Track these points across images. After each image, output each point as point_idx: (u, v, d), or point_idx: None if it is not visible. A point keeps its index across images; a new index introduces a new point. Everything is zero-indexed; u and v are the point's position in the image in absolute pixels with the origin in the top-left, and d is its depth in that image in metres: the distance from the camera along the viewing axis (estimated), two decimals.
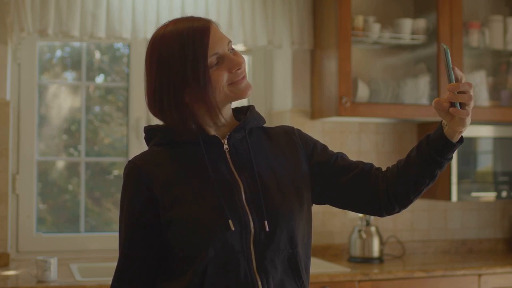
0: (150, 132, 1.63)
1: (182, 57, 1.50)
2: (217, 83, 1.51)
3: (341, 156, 1.68)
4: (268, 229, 1.51)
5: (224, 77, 1.52)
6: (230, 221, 1.48)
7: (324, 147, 1.70)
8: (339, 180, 1.63)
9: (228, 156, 1.58)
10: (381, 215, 1.66)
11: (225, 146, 1.58)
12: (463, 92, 1.43)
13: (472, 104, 1.46)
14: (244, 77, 1.55)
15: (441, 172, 1.56)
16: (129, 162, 1.58)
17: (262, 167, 1.59)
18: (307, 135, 1.72)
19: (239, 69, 1.53)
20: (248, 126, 1.62)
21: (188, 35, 1.50)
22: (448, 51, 1.45)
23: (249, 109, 1.66)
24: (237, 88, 1.54)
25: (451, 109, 1.44)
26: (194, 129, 1.56)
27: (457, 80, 1.44)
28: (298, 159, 1.65)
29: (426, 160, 1.53)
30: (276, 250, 1.52)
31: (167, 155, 1.58)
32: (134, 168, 1.56)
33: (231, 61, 1.53)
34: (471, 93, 1.44)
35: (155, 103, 1.55)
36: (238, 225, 1.50)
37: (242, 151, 1.59)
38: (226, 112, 1.60)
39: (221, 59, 1.52)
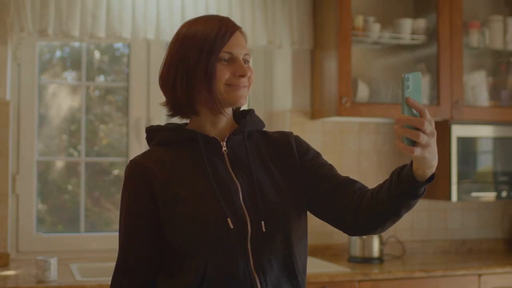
0: (151, 132, 1.67)
1: (202, 40, 1.56)
2: (218, 77, 1.56)
3: (329, 167, 1.67)
4: (264, 230, 1.53)
5: (226, 75, 1.56)
6: (228, 219, 1.51)
7: (317, 154, 1.70)
8: (319, 188, 1.63)
9: (226, 158, 1.61)
10: (349, 233, 1.64)
11: (224, 148, 1.61)
12: (417, 128, 1.29)
13: (425, 141, 1.30)
14: (244, 87, 1.58)
15: (407, 212, 1.48)
16: (131, 161, 1.62)
17: (260, 169, 1.62)
18: (303, 141, 1.73)
19: (243, 76, 1.57)
20: (247, 129, 1.65)
21: (215, 25, 1.58)
22: (407, 81, 1.30)
23: (249, 112, 1.69)
24: (232, 90, 1.57)
25: (397, 142, 1.33)
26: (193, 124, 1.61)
27: (421, 113, 1.30)
28: (293, 162, 1.66)
29: (391, 196, 1.45)
30: (273, 250, 1.54)
31: (167, 154, 1.61)
32: (135, 167, 1.59)
33: (239, 66, 1.57)
34: (426, 130, 1.29)
35: (168, 77, 1.60)
36: (235, 225, 1.52)
37: (240, 154, 1.62)
38: (225, 115, 1.63)
39: (232, 60, 1.58)
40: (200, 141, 1.59)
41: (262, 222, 1.53)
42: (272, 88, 3.78)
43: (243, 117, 1.68)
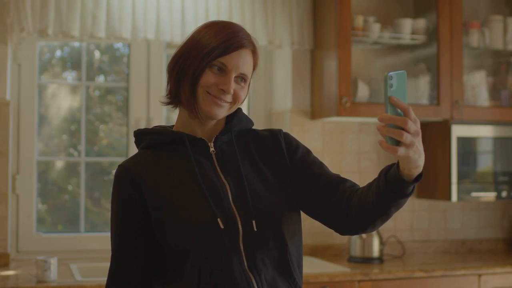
0: (139, 136, 1.67)
1: (207, 43, 1.54)
2: (201, 81, 1.55)
3: (319, 165, 1.66)
4: (256, 229, 1.53)
5: (209, 82, 1.55)
6: (218, 219, 1.50)
7: (307, 152, 1.69)
8: (310, 186, 1.62)
9: (214, 159, 1.60)
10: (340, 233, 1.63)
11: (211, 149, 1.61)
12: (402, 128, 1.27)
13: (409, 141, 1.28)
14: (226, 103, 1.56)
15: (396, 211, 1.47)
16: (119, 166, 1.61)
17: (249, 168, 1.61)
18: (293, 137, 1.72)
19: (224, 92, 1.54)
20: (235, 129, 1.64)
21: (227, 34, 1.55)
22: (390, 80, 1.29)
23: (236, 112, 1.67)
24: (208, 100, 1.56)
25: (379, 141, 1.30)
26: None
27: (405, 112, 1.29)
28: (283, 160, 1.65)
29: (380, 196, 1.45)
30: (266, 249, 1.54)
31: (155, 157, 1.61)
32: (123, 171, 1.59)
33: (226, 80, 1.55)
34: (409, 129, 1.27)
35: (170, 65, 1.61)
36: (226, 224, 1.51)
37: (228, 154, 1.62)
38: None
39: (224, 72, 1.55)
40: (187, 142, 1.59)
41: (253, 221, 1.53)
42: (272, 88, 3.78)
43: (231, 116, 1.67)
